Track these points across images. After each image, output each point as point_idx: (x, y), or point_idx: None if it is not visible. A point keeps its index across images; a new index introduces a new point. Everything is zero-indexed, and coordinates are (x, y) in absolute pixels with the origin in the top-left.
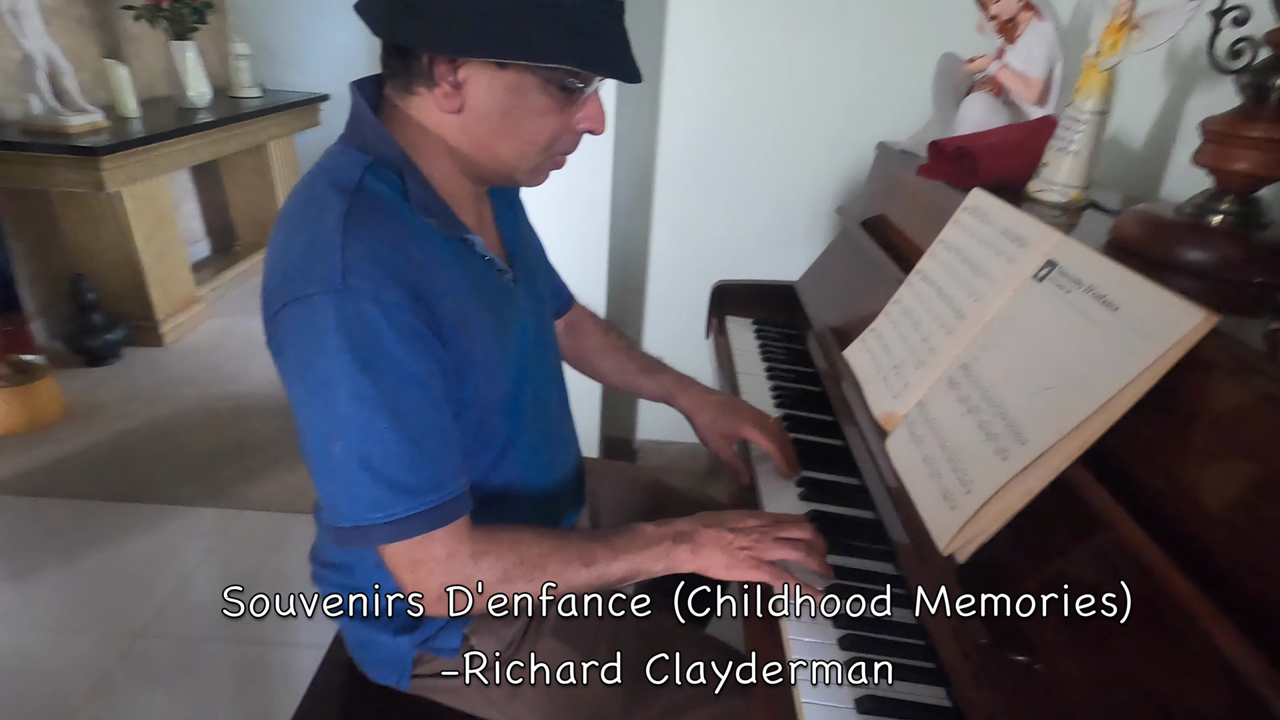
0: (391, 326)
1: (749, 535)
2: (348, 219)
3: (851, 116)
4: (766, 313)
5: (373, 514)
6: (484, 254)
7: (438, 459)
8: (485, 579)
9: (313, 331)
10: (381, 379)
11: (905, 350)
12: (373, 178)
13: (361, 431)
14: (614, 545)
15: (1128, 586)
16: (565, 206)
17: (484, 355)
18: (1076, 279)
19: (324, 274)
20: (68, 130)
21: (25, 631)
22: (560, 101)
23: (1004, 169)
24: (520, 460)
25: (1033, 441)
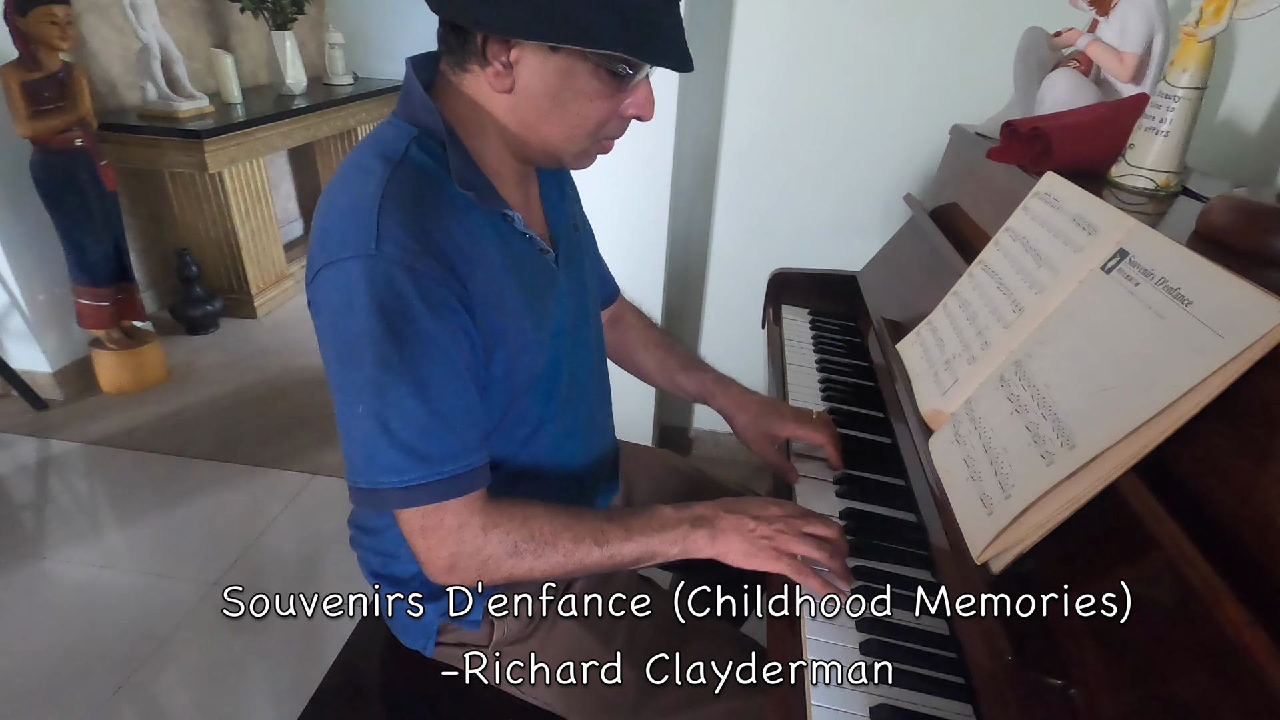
0: (420, 295)
1: (771, 525)
2: (387, 187)
3: (928, 98)
4: (825, 303)
5: (388, 477)
6: (523, 230)
7: (457, 430)
8: (494, 552)
9: (345, 294)
10: (407, 346)
11: (958, 345)
12: (418, 149)
13: (383, 396)
14: (629, 526)
15: (1177, 615)
16: (625, 193)
17: (516, 332)
18: (1148, 270)
19: (359, 239)
20: (177, 115)
21: (127, 572)
22: (610, 87)
23: (1083, 152)
24: (552, 441)
25: (1081, 446)
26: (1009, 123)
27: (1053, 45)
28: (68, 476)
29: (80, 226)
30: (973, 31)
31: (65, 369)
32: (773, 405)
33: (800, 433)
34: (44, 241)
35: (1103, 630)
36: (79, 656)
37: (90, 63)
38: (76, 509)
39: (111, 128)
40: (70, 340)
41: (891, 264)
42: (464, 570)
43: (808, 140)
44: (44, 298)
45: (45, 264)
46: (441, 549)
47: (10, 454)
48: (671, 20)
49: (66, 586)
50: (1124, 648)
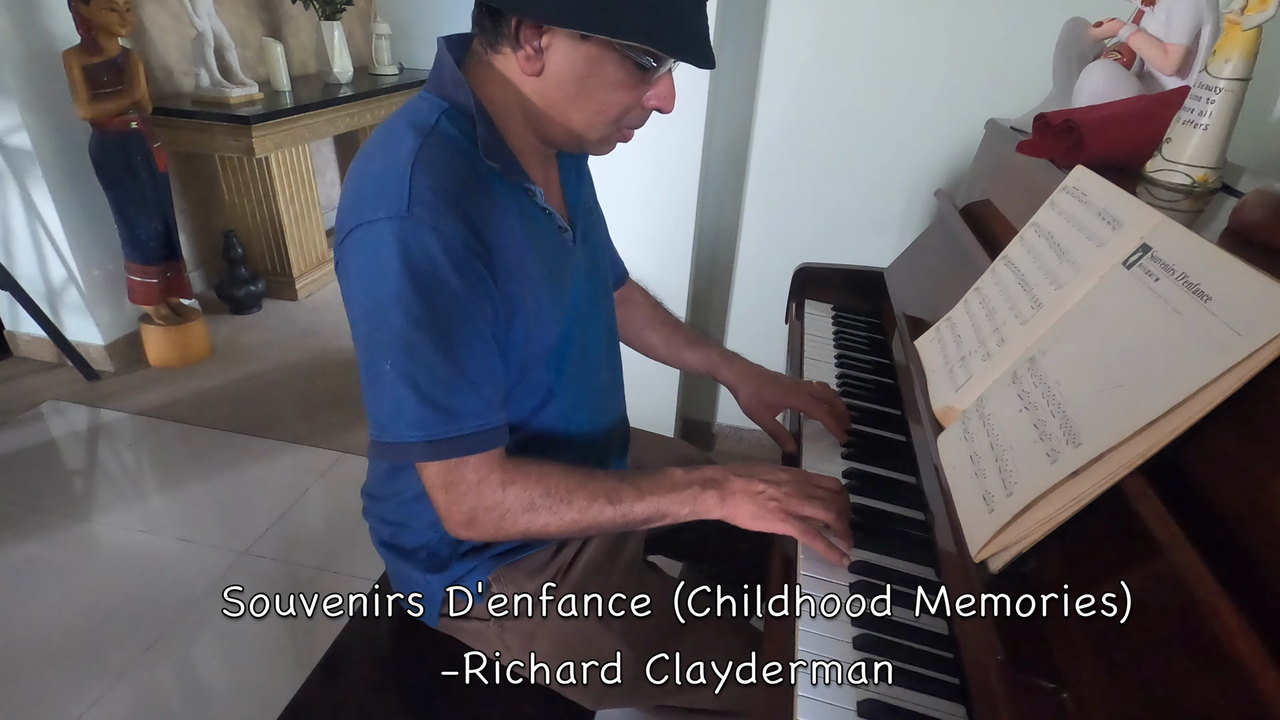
0: (449, 257)
1: (780, 488)
2: (419, 154)
3: (964, 92)
4: (850, 299)
5: (414, 432)
6: (544, 206)
7: (480, 389)
8: (512, 506)
9: (375, 255)
10: (435, 305)
11: (975, 341)
12: (447, 121)
13: (411, 352)
14: (640, 486)
15: (1176, 622)
16: (653, 183)
17: (534, 303)
18: (1169, 265)
19: (391, 202)
20: (228, 101)
21: (164, 537)
22: (635, 78)
23: (1117, 145)
24: (561, 412)
25: (1086, 444)
26: (1041, 115)
27: (1093, 36)
28: (115, 444)
29: (133, 206)
30: (1012, 22)
31: (116, 342)
32: (772, 376)
33: (796, 402)
34: (100, 220)
35: (1100, 634)
36: (116, 615)
37: (148, 49)
38: (121, 475)
39: (166, 112)
40: (122, 315)
41: (919, 260)
42: (482, 524)
43: (840, 133)
44: (98, 273)
45: (101, 241)
46: (462, 503)
47: (63, 420)
48: (698, 18)
49: (108, 548)
50: (1121, 653)
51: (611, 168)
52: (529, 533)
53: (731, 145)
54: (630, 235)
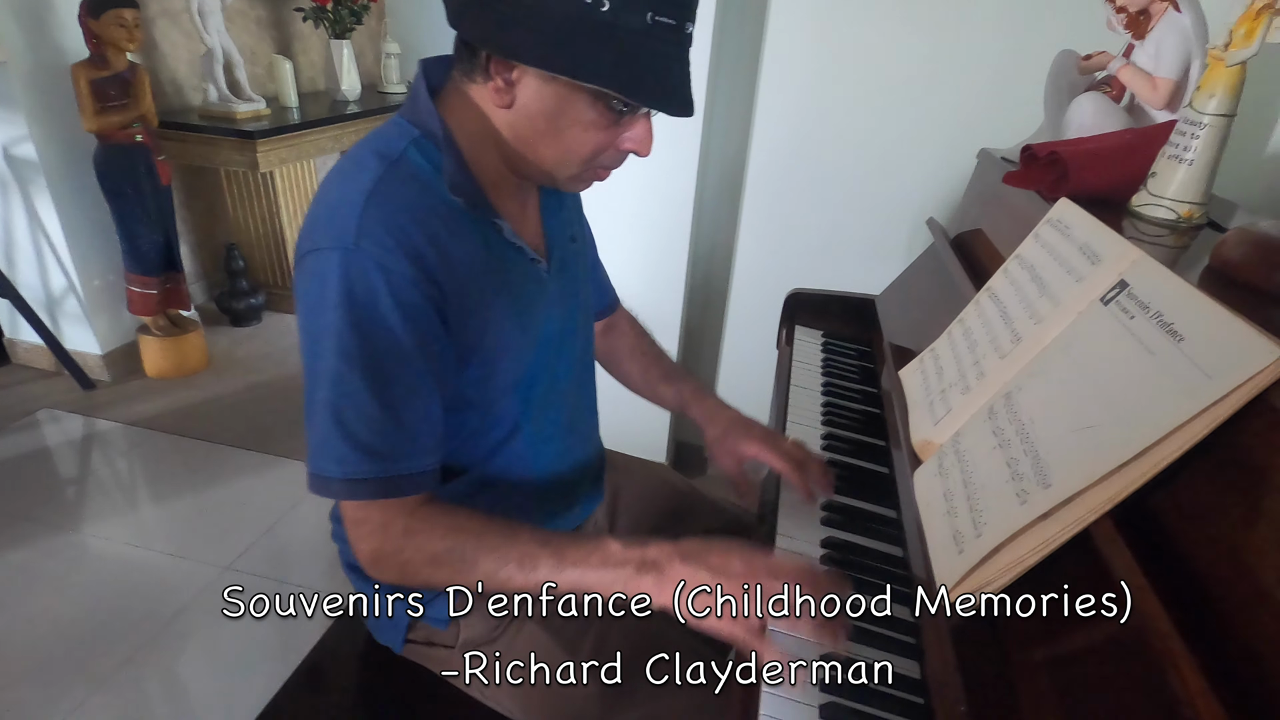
0: (392, 295)
1: (730, 578)
2: (377, 185)
3: (961, 121)
4: (841, 326)
5: (334, 467)
6: (512, 240)
7: (409, 431)
8: (413, 558)
9: (319, 284)
10: (370, 342)
11: (956, 374)
12: (415, 151)
13: (340, 387)
14: (565, 555)
15: (1139, 676)
16: (646, 206)
17: (496, 336)
18: (1144, 303)
19: (340, 233)
20: (235, 116)
21: (149, 550)
22: (607, 119)
23: (1102, 179)
24: (528, 445)
25: (1056, 486)
26: (1028, 147)
27: (1083, 69)
28: (106, 454)
29: (134, 217)
30: (1007, 53)
31: (113, 352)
32: (743, 422)
33: (764, 456)
34: (102, 230)
35: (1066, 685)
36: (100, 625)
37: (160, 65)
38: (111, 485)
39: (173, 126)
40: (120, 325)
41: (909, 289)
42: (385, 568)
43: (837, 159)
44: (98, 283)
45: (101, 252)
46: (366, 542)
47: (57, 429)
48: (674, 62)
49: (95, 558)
50: (1082, 703)
51: (605, 189)
52: (433, 585)
53: (727, 169)
54: (623, 258)
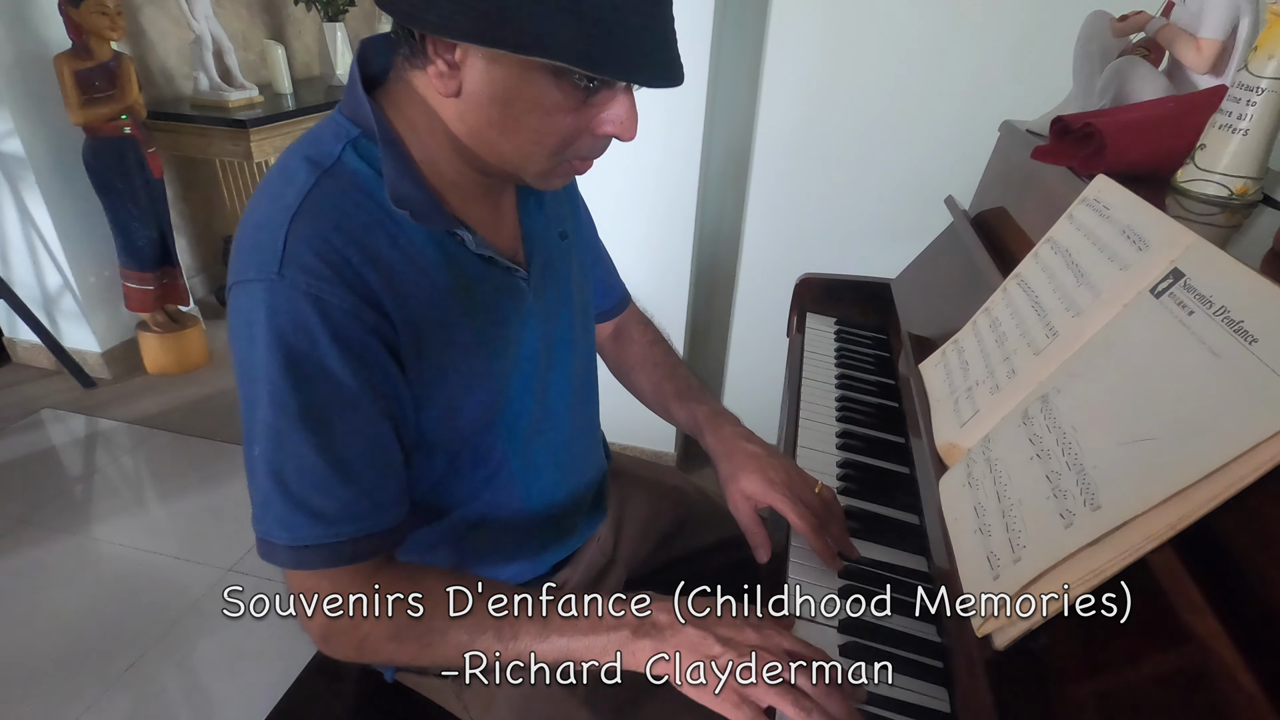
0: (327, 330)
1: (741, 656)
2: (306, 200)
3: (980, 92)
4: (854, 313)
5: (278, 532)
6: (478, 251)
7: (362, 487)
8: (371, 634)
9: (245, 322)
10: (307, 388)
11: (983, 371)
12: (354, 154)
13: (278, 442)
14: (550, 622)
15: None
16: (649, 190)
17: (462, 368)
18: (1205, 297)
19: (263, 260)
20: (227, 105)
21: (150, 552)
22: (575, 99)
23: (1144, 152)
24: (519, 479)
25: (1107, 508)
26: (1059, 118)
27: (1117, 31)
28: (110, 453)
29: (127, 212)
30: (1030, 18)
31: (113, 349)
32: (758, 463)
33: (780, 507)
34: (95, 226)
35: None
36: (107, 625)
37: (148, 53)
38: (117, 486)
39: (164, 116)
40: (118, 322)
41: (927, 273)
42: (340, 645)
43: (848, 137)
44: (94, 280)
45: (96, 248)
46: (316, 618)
47: (59, 429)
48: (652, 25)
49: (100, 558)
50: None
51: (602, 172)
52: (397, 663)
53: (733, 149)
54: (626, 244)
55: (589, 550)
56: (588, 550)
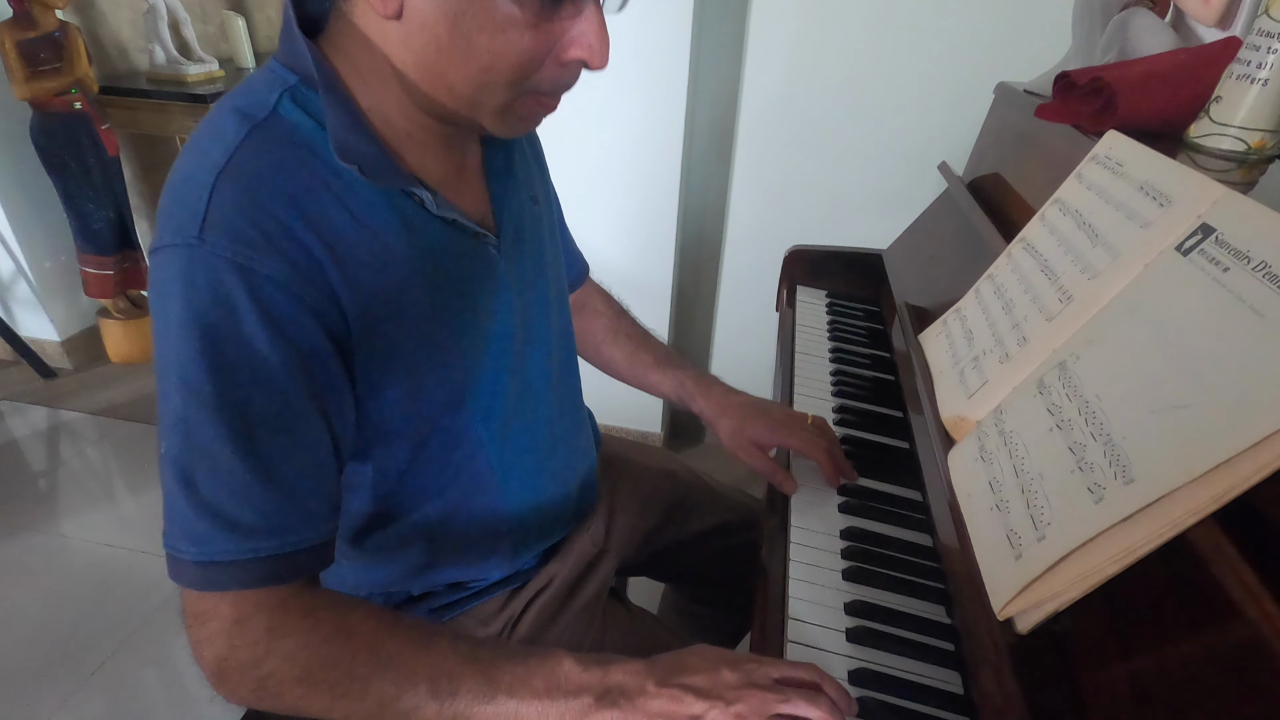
0: (256, 306)
1: (729, 707)
2: (235, 155)
3: (973, 54)
4: (846, 285)
5: (184, 545)
6: (439, 214)
7: (288, 493)
8: (275, 672)
9: (159, 292)
10: (226, 372)
11: (990, 339)
12: (291, 103)
13: (186, 435)
14: (497, 679)
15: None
16: (630, 162)
17: (425, 342)
18: (1241, 252)
19: (182, 222)
20: (185, 79)
21: (123, 546)
22: (531, 14)
23: (1156, 106)
24: (498, 464)
25: (1142, 481)
26: (1064, 73)
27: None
28: (75, 445)
29: (82, 193)
30: None
31: (73, 338)
32: (759, 408)
33: (790, 442)
34: (48, 208)
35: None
36: (73, 626)
37: (98, 25)
38: (83, 479)
39: (118, 91)
40: (78, 309)
41: (922, 242)
42: (235, 684)
43: (836, 103)
44: (50, 265)
45: (50, 232)
46: (209, 647)
47: (19, 421)
48: None
49: (67, 555)
50: None
51: (583, 143)
52: (305, 714)
53: (716, 117)
54: (606, 219)
55: (579, 541)
56: (578, 541)
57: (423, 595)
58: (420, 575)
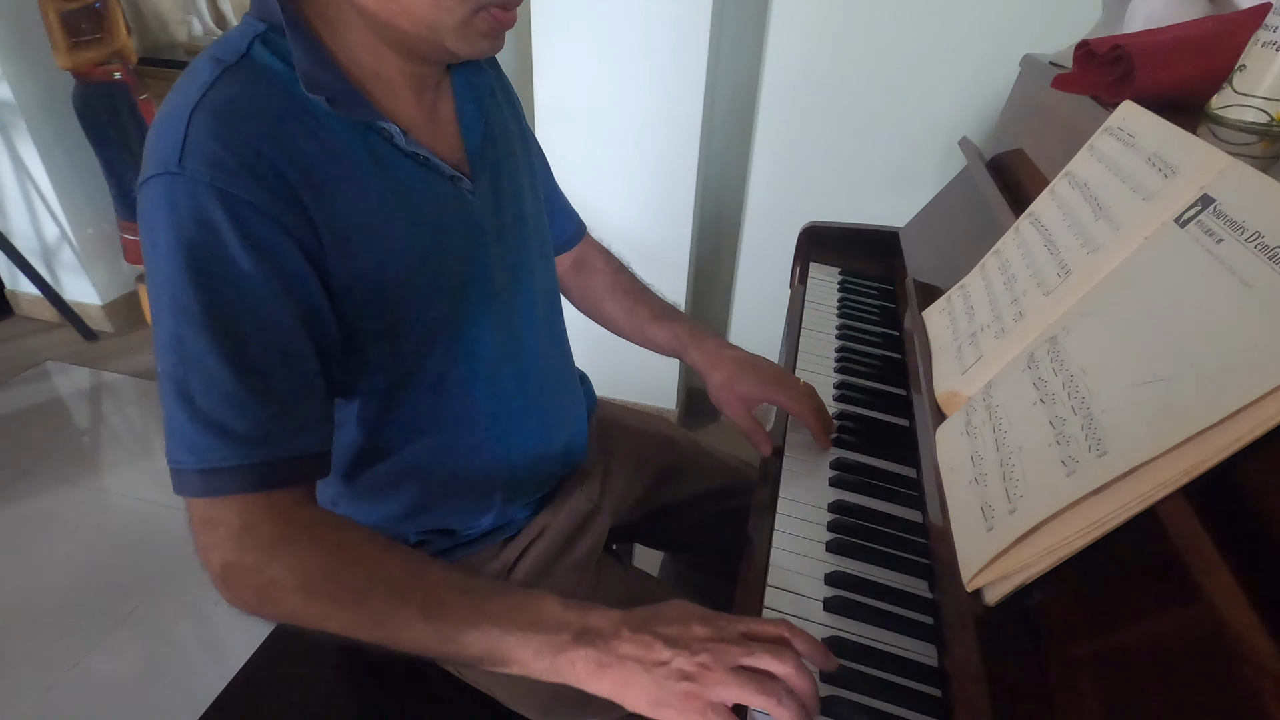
0: (236, 227)
1: (694, 656)
2: (209, 92)
3: (1001, 26)
4: (861, 263)
5: (185, 457)
6: (411, 149)
7: (280, 401)
8: (278, 578)
9: (147, 222)
10: (212, 291)
11: (989, 314)
12: (263, 48)
13: (180, 352)
14: (485, 609)
15: (1218, 698)
16: (649, 134)
17: (402, 276)
18: (1237, 223)
19: (164, 154)
20: None
21: (157, 501)
22: None
23: (1176, 76)
24: (485, 408)
25: (1114, 453)
26: (1084, 42)
27: None
28: (115, 405)
29: (121, 161)
30: None
31: (114, 302)
32: (750, 364)
33: (778, 398)
34: (90, 176)
35: (1117, 695)
36: (108, 574)
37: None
38: (117, 438)
39: (157, 63)
40: (119, 275)
41: (939, 219)
42: (240, 588)
43: (860, 76)
44: (92, 232)
45: (92, 198)
46: (216, 552)
47: (63, 380)
48: None
49: (99, 510)
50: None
51: (601, 115)
52: (304, 621)
53: (738, 90)
54: (624, 192)
55: (573, 496)
56: (571, 495)
57: (418, 543)
58: (414, 518)
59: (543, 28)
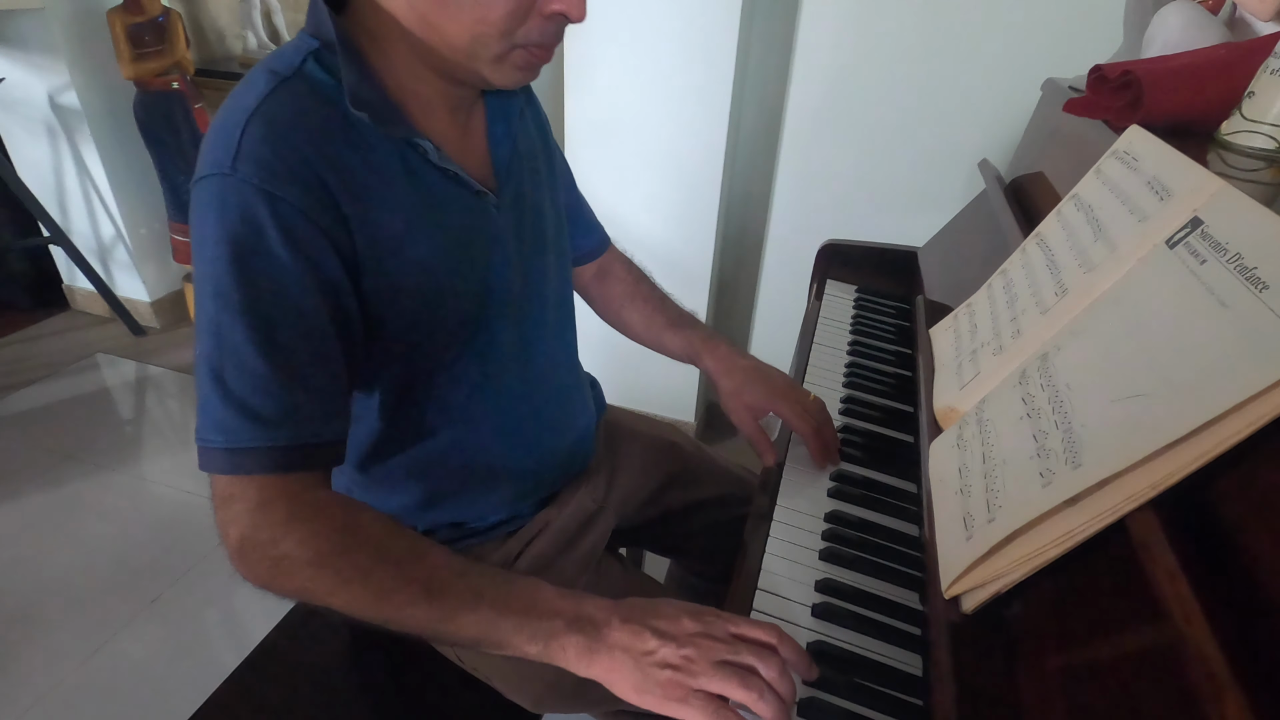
0: (279, 227)
1: (682, 649)
2: (264, 103)
3: (1024, 51)
4: (878, 281)
5: (214, 435)
6: (441, 165)
7: (307, 390)
8: (290, 553)
9: (199, 217)
10: (252, 280)
11: (990, 332)
12: (315, 64)
13: (218, 337)
14: (484, 592)
15: (1175, 706)
16: (674, 151)
17: (423, 284)
18: (1221, 244)
19: (218, 157)
20: None
21: (194, 491)
22: None
23: (1184, 102)
24: (494, 406)
25: (1087, 465)
26: (1096, 67)
27: None
28: (156, 398)
29: (175, 165)
30: None
31: (162, 300)
32: (761, 373)
33: (781, 410)
34: (146, 179)
35: (1081, 706)
36: (138, 560)
37: (200, 12)
38: (158, 430)
39: (213, 74)
40: (168, 273)
41: (956, 240)
42: (252, 562)
43: (885, 98)
44: (145, 232)
45: (146, 200)
46: (234, 526)
47: (112, 372)
48: None
49: (138, 497)
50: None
51: (630, 132)
52: (311, 595)
53: (763, 110)
54: (649, 207)
55: (578, 495)
56: (576, 494)
57: (426, 532)
58: (423, 510)
59: (575, 49)
